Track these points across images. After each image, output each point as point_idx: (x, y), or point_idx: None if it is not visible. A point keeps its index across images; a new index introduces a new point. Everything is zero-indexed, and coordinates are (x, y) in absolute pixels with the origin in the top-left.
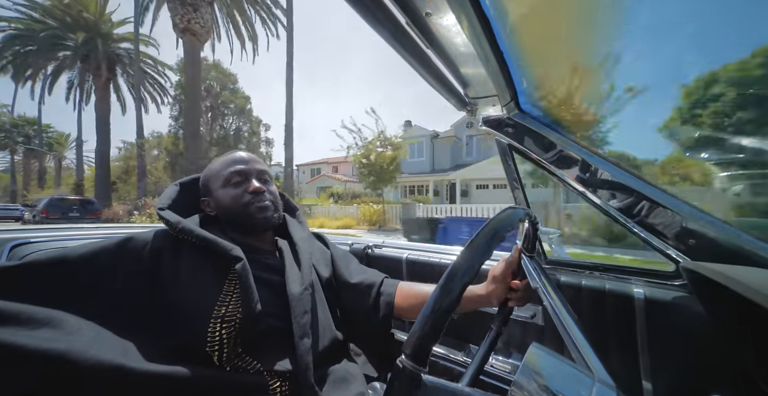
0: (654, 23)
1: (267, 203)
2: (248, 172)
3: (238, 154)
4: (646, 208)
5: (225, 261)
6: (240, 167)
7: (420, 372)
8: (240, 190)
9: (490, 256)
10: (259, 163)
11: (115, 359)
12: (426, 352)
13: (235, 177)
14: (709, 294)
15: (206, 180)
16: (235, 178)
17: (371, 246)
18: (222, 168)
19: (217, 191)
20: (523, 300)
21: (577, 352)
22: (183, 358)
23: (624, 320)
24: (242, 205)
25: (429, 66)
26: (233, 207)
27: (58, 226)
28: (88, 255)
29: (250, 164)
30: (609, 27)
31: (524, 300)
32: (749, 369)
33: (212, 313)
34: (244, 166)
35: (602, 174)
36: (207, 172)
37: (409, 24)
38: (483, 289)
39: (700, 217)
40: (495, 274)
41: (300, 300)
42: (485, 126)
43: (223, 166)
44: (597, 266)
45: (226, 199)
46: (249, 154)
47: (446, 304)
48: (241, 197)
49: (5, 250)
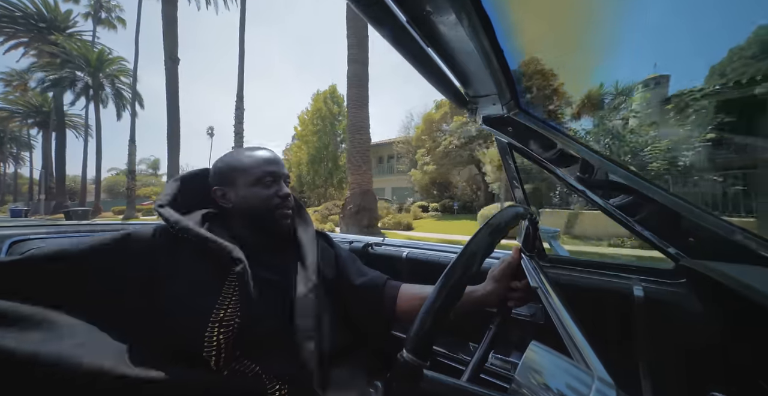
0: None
1: (288, 211)
2: (279, 175)
3: (269, 154)
4: (646, 206)
5: (225, 262)
6: (273, 169)
7: (421, 366)
8: (271, 192)
9: (490, 252)
10: (283, 165)
11: (108, 364)
12: (427, 346)
13: (268, 177)
14: (709, 292)
15: (230, 171)
16: (267, 179)
17: (371, 244)
18: (254, 165)
19: (244, 187)
20: (522, 300)
21: (577, 351)
22: (179, 361)
23: (623, 318)
24: (270, 208)
25: (429, 64)
26: (260, 207)
27: (58, 223)
28: (88, 250)
29: (280, 167)
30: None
31: (524, 300)
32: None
33: (210, 317)
34: (276, 168)
35: (602, 173)
36: (232, 162)
37: (409, 22)
38: (483, 290)
39: (700, 215)
40: (494, 275)
41: (304, 302)
42: (485, 125)
43: (255, 162)
44: (596, 264)
45: (253, 198)
46: (276, 155)
47: (447, 299)
48: (270, 199)
49: (5, 247)
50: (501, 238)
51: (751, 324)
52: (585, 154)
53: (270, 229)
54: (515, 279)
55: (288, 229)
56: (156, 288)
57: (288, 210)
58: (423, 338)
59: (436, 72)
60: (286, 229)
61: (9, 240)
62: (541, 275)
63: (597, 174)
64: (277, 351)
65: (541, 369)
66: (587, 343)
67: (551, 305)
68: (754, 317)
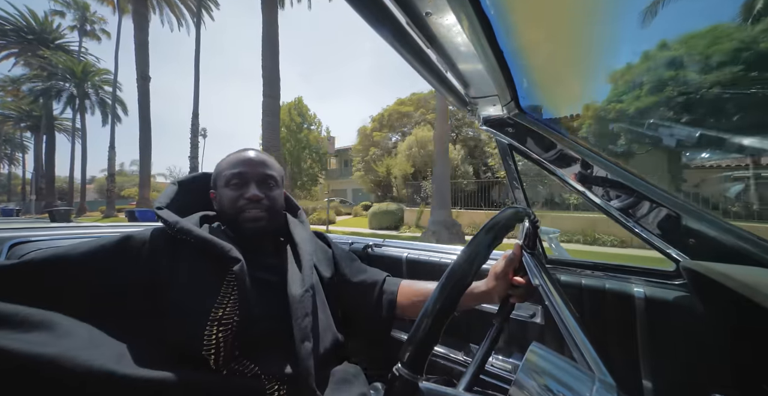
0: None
1: (259, 213)
2: (248, 176)
3: (245, 155)
4: (646, 207)
5: (223, 262)
6: (241, 170)
7: (416, 380)
8: (237, 194)
9: (488, 257)
10: (264, 166)
11: (107, 364)
12: (422, 359)
13: (234, 179)
14: (709, 293)
15: (215, 174)
16: (234, 181)
17: (371, 245)
18: (226, 167)
19: (220, 189)
20: (524, 296)
21: (578, 351)
22: (179, 361)
23: (624, 319)
24: (236, 210)
25: (429, 66)
26: (228, 209)
27: (57, 225)
28: (87, 253)
29: (254, 167)
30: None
31: (525, 296)
32: (750, 369)
33: (209, 316)
34: (246, 169)
35: (602, 174)
36: (218, 166)
37: (409, 24)
38: (484, 286)
39: (700, 216)
40: (496, 271)
41: (301, 302)
42: (486, 126)
43: (228, 165)
44: (597, 265)
45: (224, 199)
46: (258, 156)
47: (442, 309)
48: (236, 201)
49: (4, 249)
50: (501, 240)
51: (751, 325)
52: (585, 155)
53: (239, 230)
54: (517, 275)
55: (260, 232)
56: (155, 289)
57: (255, 213)
58: (418, 352)
59: (436, 73)
60: (257, 233)
61: (8, 242)
62: (543, 273)
63: (597, 175)
64: (276, 351)
65: (543, 370)
66: (589, 343)
67: (553, 304)
68: (755, 318)
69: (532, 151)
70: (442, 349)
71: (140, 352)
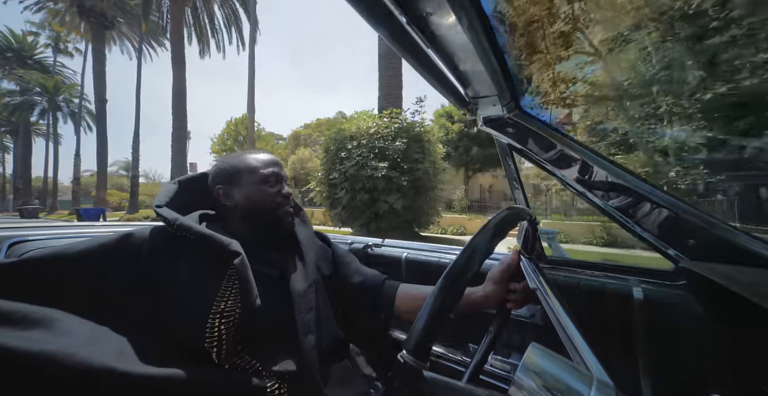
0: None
1: (290, 209)
2: (282, 176)
3: (272, 157)
4: (646, 207)
5: (223, 256)
6: (277, 170)
7: (421, 367)
8: (275, 191)
9: (490, 254)
10: (284, 168)
11: (106, 361)
12: (427, 347)
13: (272, 177)
14: (708, 294)
15: (234, 170)
16: (272, 179)
17: (371, 245)
18: (261, 165)
19: (250, 186)
20: (521, 302)
21: (576, 352)
22: (181, 356)
23: (623, 320)
24: (274, 206)
25: (429, 65)
26: (265, 205)
27: (56, 224)
28: (87, 252)
29: (281, 168)
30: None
31: (522, 302)
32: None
33: (211, 308)
34: (278, 169)
35: (602, 174)
36: (237, 164)
37: (409, 23)
38: (481, 292)
39: (700, 217)
40: (494, 277)
41: (304, 297)
42: (485, 126)
43: (261, 163)
44: (596, 266)
45: (258, 196)
46: (278, 159)
47: (447, 300)
48: (274, 198)
49: (3, 248)
50: (501, 239)
51: (750, 325)
52: (585, 156)
53: (273, 226)
54: (514, 281)
55: (291, 226)
56: (156, 287)
57: (290, 208)
58: (423, 340)
59: (436, 73)
60: (289, 227)
61: (8, 241)
62: (541, 277)
63: (597, 175)
64: (277, 347)
65: (541, 370)
66: (587, 344)
67: (550, 307)
68: (754, 319)
69: (532, 151)
70: (441, 349)
71: (141, 348)
